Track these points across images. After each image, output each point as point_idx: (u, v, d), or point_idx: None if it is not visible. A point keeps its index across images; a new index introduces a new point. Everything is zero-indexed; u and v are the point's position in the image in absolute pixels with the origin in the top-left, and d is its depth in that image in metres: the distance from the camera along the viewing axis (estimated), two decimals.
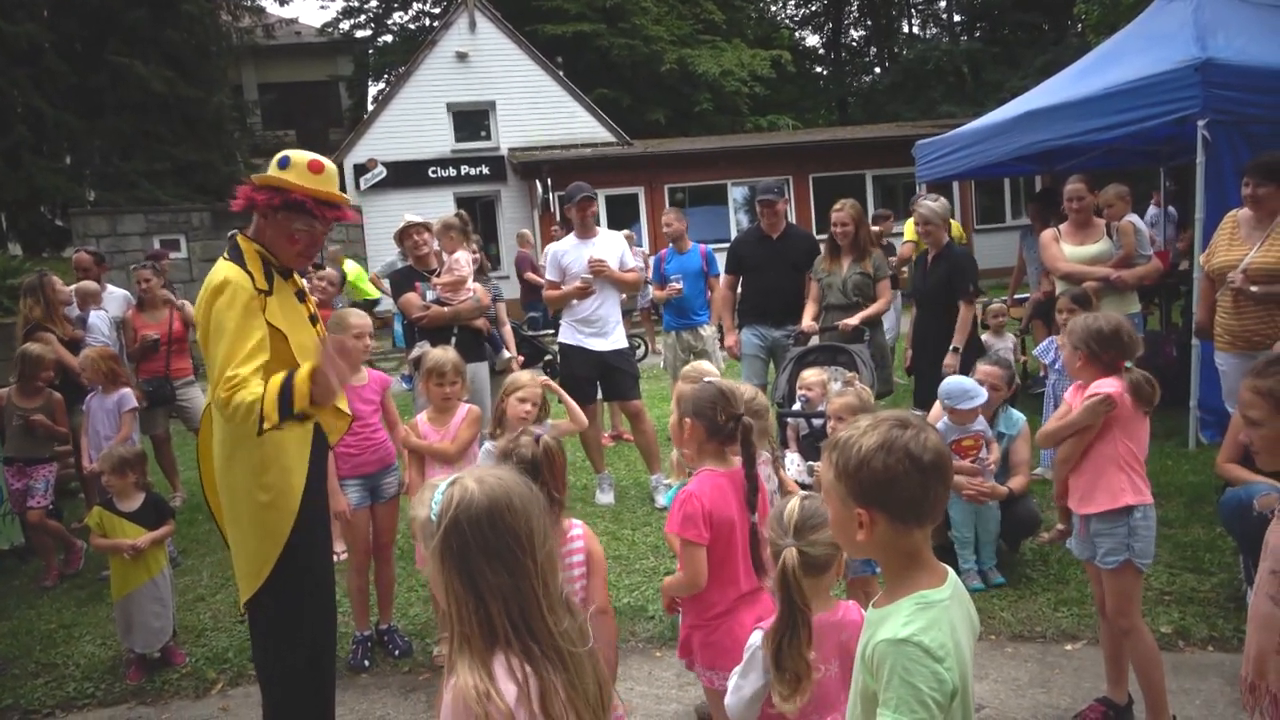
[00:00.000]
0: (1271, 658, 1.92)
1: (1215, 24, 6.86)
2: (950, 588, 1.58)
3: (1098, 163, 9.26)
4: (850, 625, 1.95)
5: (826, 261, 5.63)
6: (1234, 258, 4.42)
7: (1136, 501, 2.85)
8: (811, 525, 1.94)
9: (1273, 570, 1.91)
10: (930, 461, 1.50)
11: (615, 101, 23.22)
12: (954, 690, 1.47)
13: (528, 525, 1.41)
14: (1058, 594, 4.00)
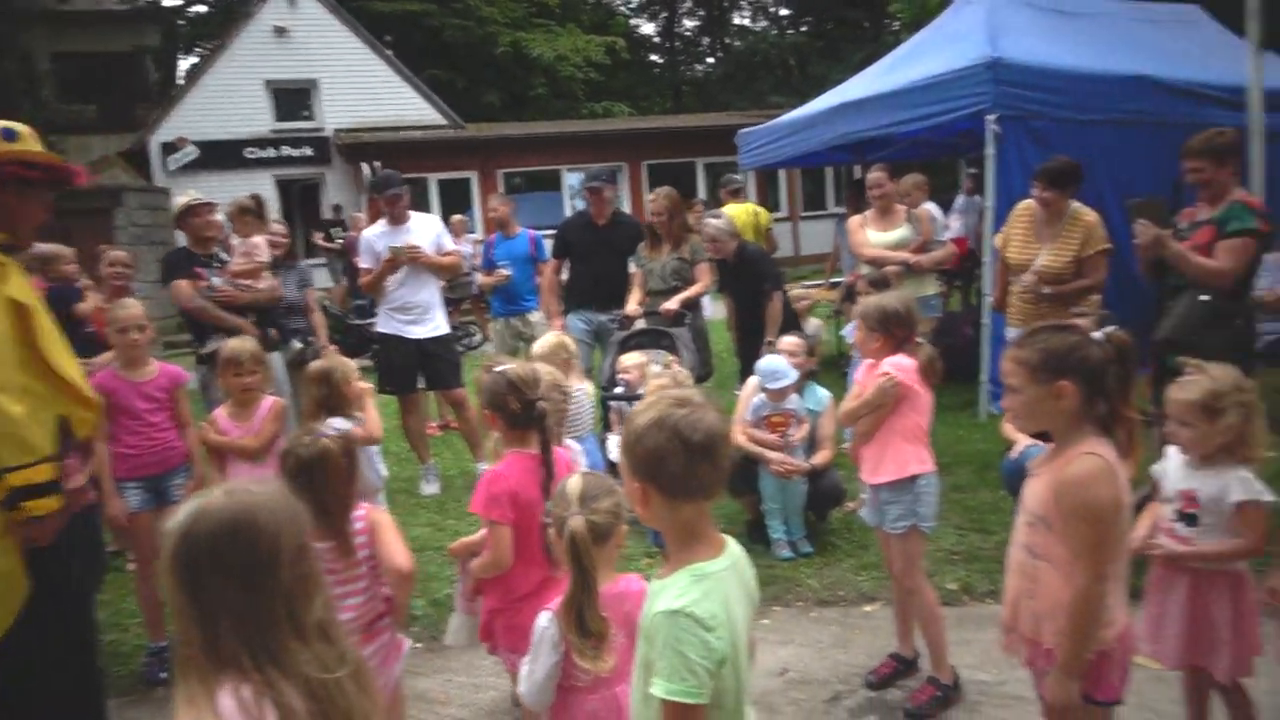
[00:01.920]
0: (1024, 602, 2.10)
1: (1006, 25, 7.41)
2: (728, 559, 1.64)
3: (907, 153, 9.83)
4: (633, 596, 1.99)
5: (648, 249, 5.72)
6: (1027, 257, 4.77)
7: (921, 470, 3.04)
8: (594, 495, 1.98)
9: (1027, 522, 2.09)
10: (699, 441, 1.54)
11: (448, 83, 22.69)
12: (723, 657, 1.52)
13: (274, 542, 1.29)
14: (860, 559, 4.23)
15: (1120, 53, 7.56)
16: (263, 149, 18.22)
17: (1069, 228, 4.71)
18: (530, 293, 6.99)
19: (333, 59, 18.60)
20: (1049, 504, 1.97)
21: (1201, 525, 2.43)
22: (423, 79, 20.19)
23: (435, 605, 4.07)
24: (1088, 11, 8.56)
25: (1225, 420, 2.38)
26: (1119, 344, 1.99)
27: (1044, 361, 1.99)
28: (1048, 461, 2.05)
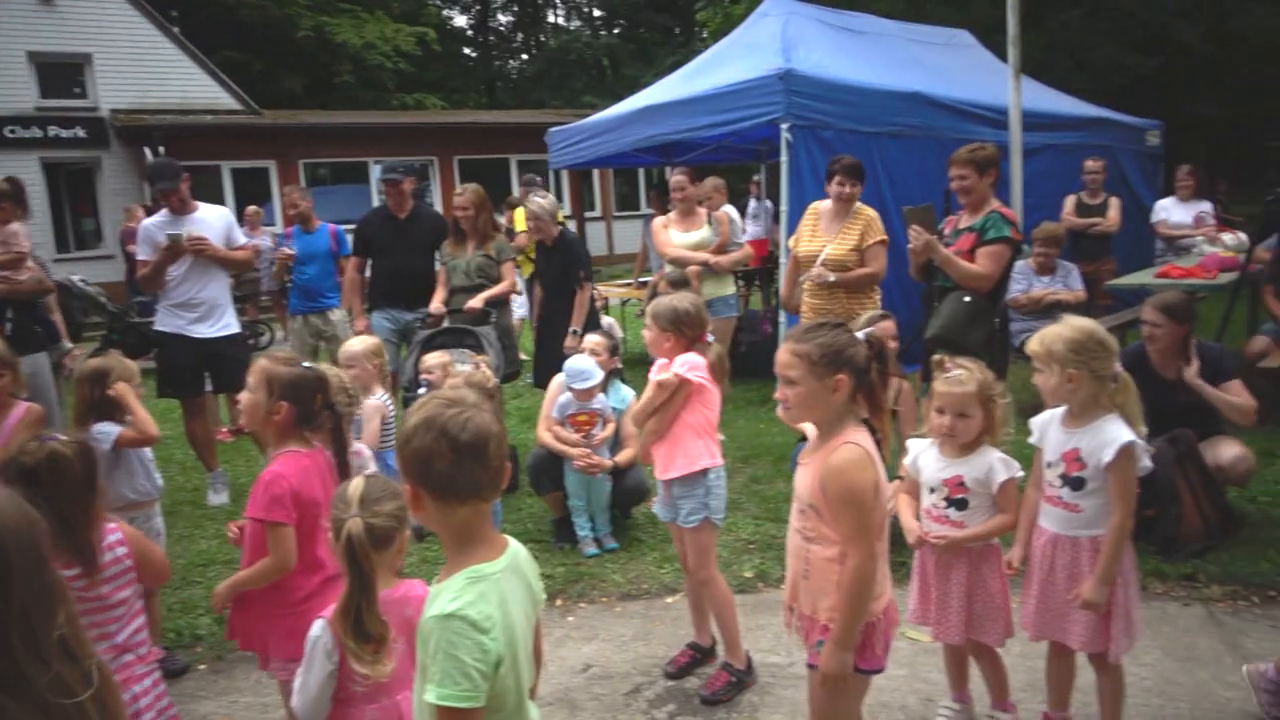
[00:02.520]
0: (801, 583, 2.21)
1: (798, 40, 7.81)
2: (507, 560, 1.63)
3: (710, 157, 10.18)
4: (414, 601, 1.95)
5: (452, 245, 5.61)
6: (816, 248, 5.05)
7: (711, 465, 3.14)
8: (375, 498, 1.92)
9: (799, 509, 2.20)
10: (467, 441, 1.52)
11: (243, 66, 21.33)
12: (500, 660, 1.51)
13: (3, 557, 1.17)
14: (663, 552, 4.33)
15: (899, 71, 8.16)
16: (26, 128, 16.43)
17: (851, 221, 5.01)
18: (332, 290, 6.70)
19: (108, 32, 17.02)
20: (816, 492, 2.09)
21: (971, 508, 2.64)
22: (214, 60, 18.87)
23: (221, 624, 3.82)
24: (871, 31, 9.19)
25: (996, 408, 2.61)
26: (877, 343, 2.14)
27: (823, 355, 2.08)
28: (813, 452, 2.17)
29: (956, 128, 7.70)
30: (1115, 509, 2.42)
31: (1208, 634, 3.33)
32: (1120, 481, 2.40)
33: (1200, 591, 3.64)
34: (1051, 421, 2.56)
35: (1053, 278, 6.53)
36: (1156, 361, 4.16)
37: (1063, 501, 2.49)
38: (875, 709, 2.96)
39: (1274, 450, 5.10)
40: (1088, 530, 2.46)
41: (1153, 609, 3.51)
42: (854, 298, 5.02)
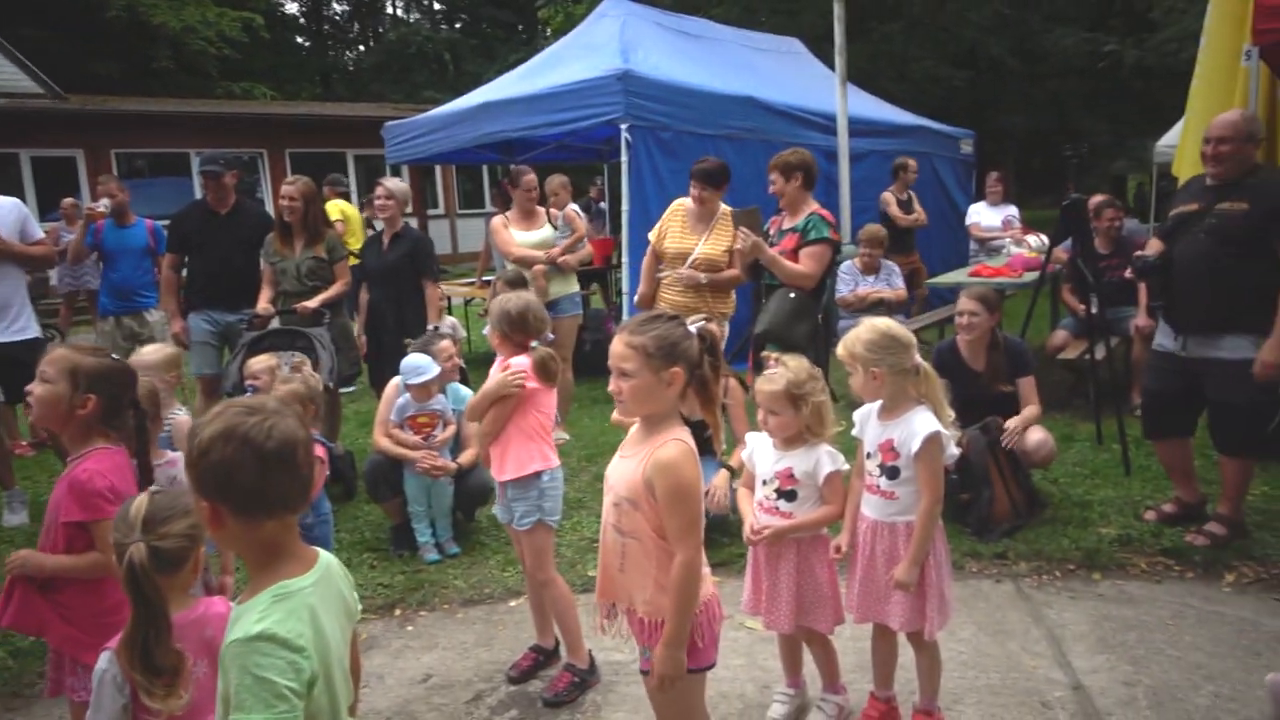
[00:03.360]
0: (617, 576, 2.21)
1: (637, 41, 7.89)
2: (316, 573, 1.54)
3: (553, 155, 10.14)
4: (215, 619, 1.83)
5: (278, 243, 5.31)
6: (686, 247, 5.05)
7: (544, 467, 3.11)
8: (163, 519, 1.78)
9: (614, 503, 2.20)
10: (273, 449, 1.43)
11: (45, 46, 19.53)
12: (314, 677, 1.44)
13: None
14: (507, 555, 4.27)
15: (734, 75, 8.40)
16: None
17: (722, 222, 5.04)
18: (147, 288, 6.24)
19: None
20: (638, 486, 2.09)
21: (799, 499, 2.74)
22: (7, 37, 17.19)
23: (17, 656, 3.48)
24: (707, 35, 9.41)
25: (808, 405, 2.71)
26: (709, 336, 2.18)
27: (659, 348, 2.08)
28: (635, 445, 2.17)
29: (788, 132, 8.01)
30: (923, 494, 2.56)
31: (1017, 608, 3.58)
32: (927, 469, 2.54)
33: (1010, 569, 3.91)
34: (870, 415, 2.69)
35: (876, 277, 6.88)
36: (967, 355, 4.45)
37: (881, 490, 2.62)
38: (715, 700, 3.01)
39: (1073, 435, 5.56)
40: (904, 516, 2.60)
41: (969, 587, 3.76)
42: (717, 298, 5.03)
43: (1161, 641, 3.24)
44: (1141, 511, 4.27)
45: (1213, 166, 3.81)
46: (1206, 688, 2.94)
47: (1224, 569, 3.76)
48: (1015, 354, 4.44)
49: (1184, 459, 4.17)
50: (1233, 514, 3.94)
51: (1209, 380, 3.85)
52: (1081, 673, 3.07)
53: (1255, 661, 3.07)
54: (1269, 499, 4.35)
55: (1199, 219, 3.84)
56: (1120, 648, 3.21)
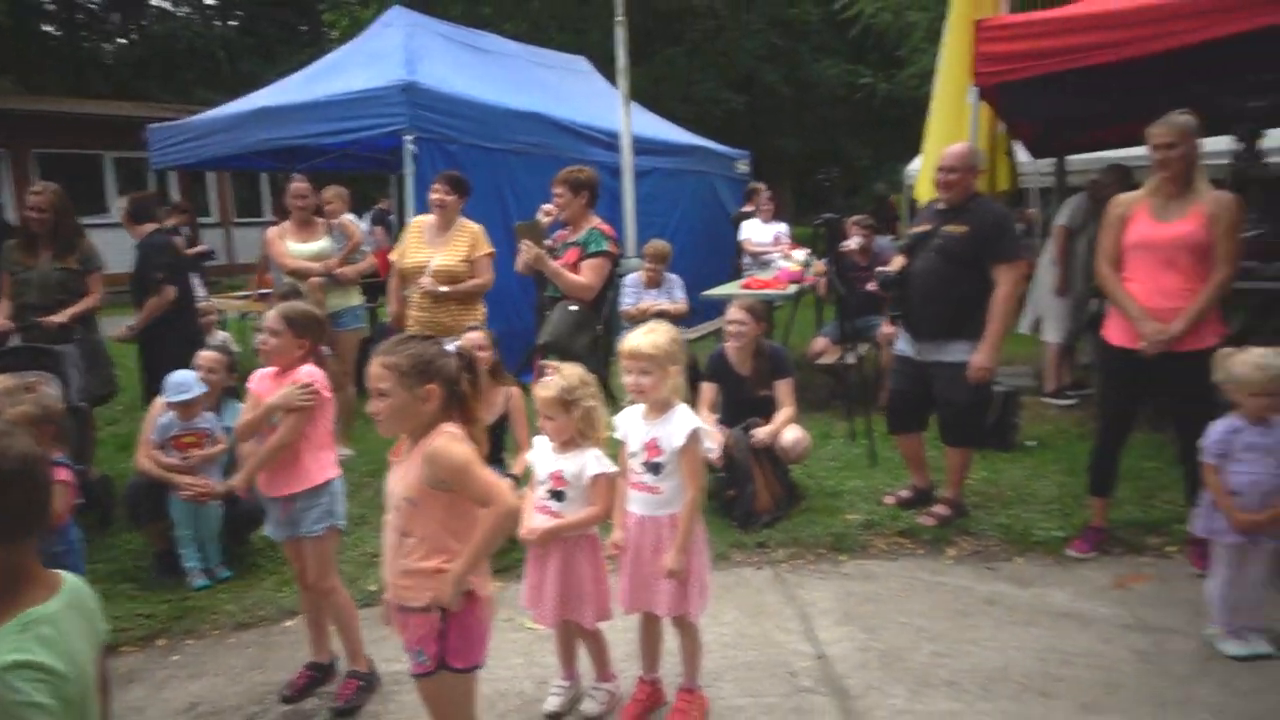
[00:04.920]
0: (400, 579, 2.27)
1: (423, 52, 7.85)
2: (63, 598, 1.50)
3: (338, 165, 9.87)
4: None
5: (20, 253, 4.89)
6: (422, 260, 5.09)
7: (336, 473, 3.15)
8: None
9: (394, 508, 2.27)
10: (11, 470, 1.39)
11: None
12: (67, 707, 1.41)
13: None
14: (283, 575, 4.15)
15: (522, 90, 8.53)
16: None
17: (459, 233, 5.12)
18: None
19: None
20: (415, 484, 2.17)
21: (568, 500, 2.89)
22: None
23: None
24: (495, 50, 9.50)
25: (579, 410, 2.87)
26: (467, 354, 2.29)
27: (413, 366, 2.18)
28: (406, 452, 2.25)
29: (574, 148, 8.24)
30: (687, 487, 2.78)
31: (774, 591, 3.92)
32: (690, 462, 2.77)
33: (770, 556, 4.26)
34: (634, 417, 2.88)
35: (659, 290, 7.21)
36: (735, 361, 4.80)
37: (646, 485, 2.82)
38: (493, 698, 3.11)
39: (830, 433, 6.09)
40: (667, 509, 2.80)
41: (733, 575, 4.07)
42: (463, 309, 5.07)
43: (893, 611, 3.66)
44: (883, 498, 4.76)
45: (943, 192, 4.34)
46: (927, 647, 3.36)
47: (947, 545, 4.28)
48: (776, 360, 4.83)
49: (918, 450, 4.70)
50: (955, 497, 4.49)
51: (937, 381, 4.37)
52: (825, 643, 3.41)
53: (965, 621, 3.54)
54: (986, 483, 4.97)
55: (930, 239, 4.36)
56: (859, 619, 3.60)
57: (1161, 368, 3.75)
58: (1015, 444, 5.58)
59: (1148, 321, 3.73)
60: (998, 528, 4.38)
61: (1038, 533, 4.29)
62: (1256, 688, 2.99)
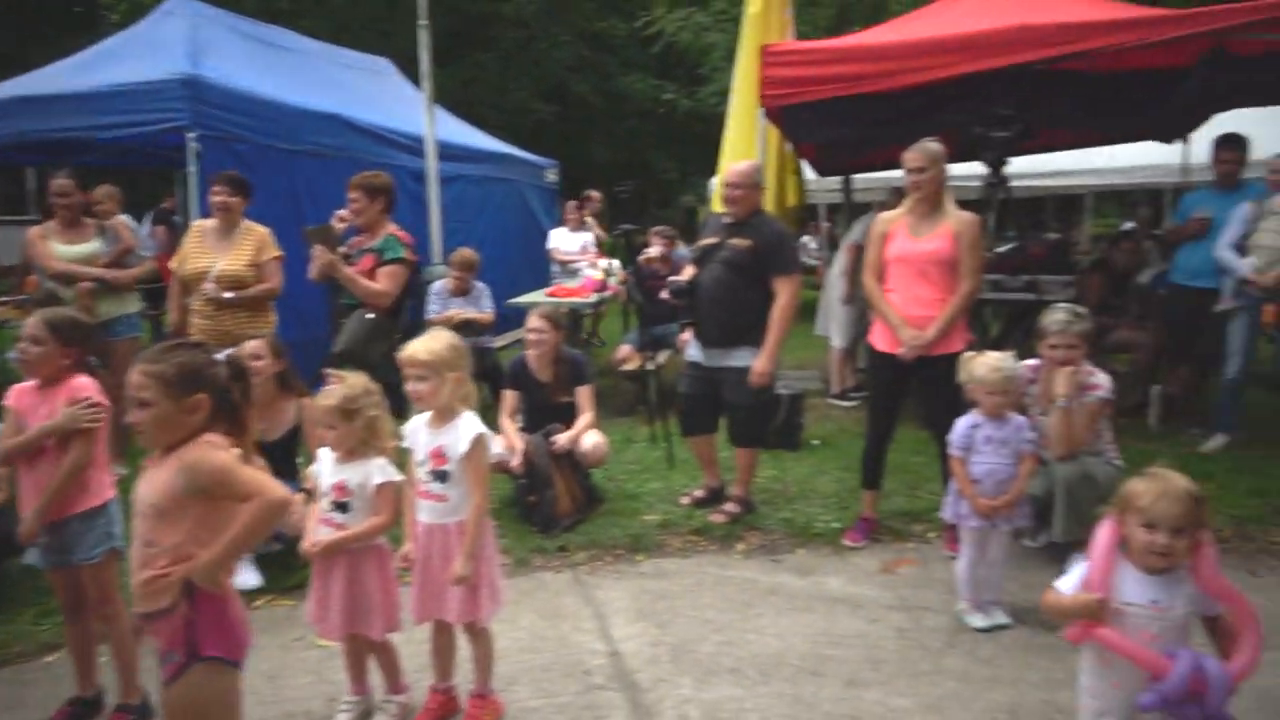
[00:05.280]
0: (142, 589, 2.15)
1: (209, 45, 7.41)
2: None
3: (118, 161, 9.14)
4: None
5: None
6: (204, 265, 4.83)
7: (112, 494, 2.95)
8: None
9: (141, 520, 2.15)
10: None
11: None
12: None
13: None
14: (44, 606, 3.82)
15: (320, 90, 8.23)
16: None
17: (244, 237, 4.90)
18: None
19: None
20: (167, 492, 2.07)
21: (353, 510, 2.85)
22: None
23: None
24: (290, 46, 9.12)
25: (360, 419, 2.83)
26: (237, 364, 2.22)
27: (180, 375, 2.08)
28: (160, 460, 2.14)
29: (375, 152, 8.03)
30: (473, 492, 2.80)
31: (572, 593, 4.00)
32: (475, 468, 2.79)
33: (570, 559, 4.34)
34: (419, 425, 2.88)
35: (466, 299, 7.16)
36: (535, 368, 4.87)
37: (433, 494, 2.82)
38: (280, 719, 3.01)
39: (633, 437, 6.27)
40: (455, 516, 2.82)
41: (533, 580, 4.12)
42: (251, 317, 4.87)
43: (684, 605, 3.83)
44: (679, 499, 4.96)
45: (729, 206, 4.59)
46: (714, 638, 3.54)
47: (737, 540, 4.52)
48: (576, 367, 4.94)
49: (710, 452, 4.93)
50: (744, 494, 4.75)
51: (725, 386, 4.61)
52: (619, 641, 3.53)
53: (750, 611, 3.76)
54: (774, 480, 5.29)
55: (717, 250, 4.59)
56: (652, 615, 3.75)
57: (918, 370, 4.15)
58: (801, 443, 5.96)
59: (906, 329, 4.11)
60: (782, 522, 4.67)
61: (818, 525, 4.61)
62: (995, 654, 3.36)
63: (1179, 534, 1.99)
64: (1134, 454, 5.47)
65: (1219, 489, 4.86)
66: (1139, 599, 2.05)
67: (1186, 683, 1.89)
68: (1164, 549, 1.99)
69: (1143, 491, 2.03)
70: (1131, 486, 2.08)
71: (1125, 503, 2.07)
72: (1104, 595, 2.06)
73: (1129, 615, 2.04)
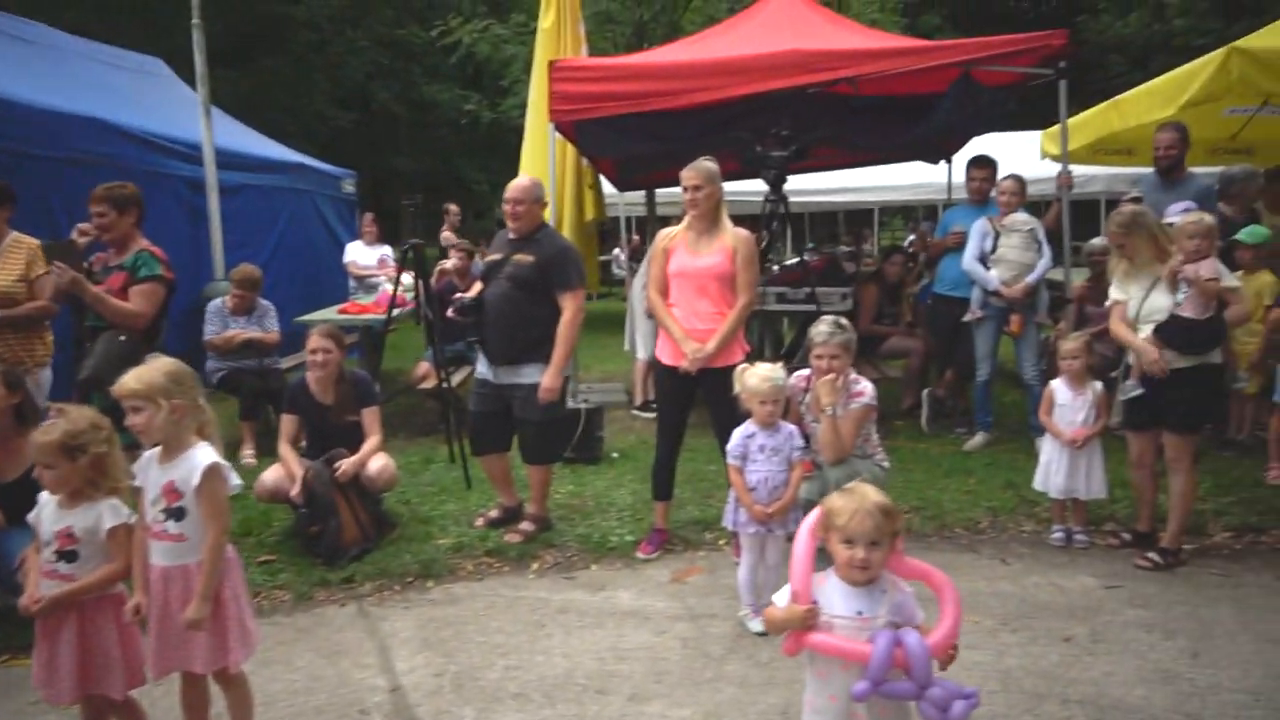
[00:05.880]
0: None
1: None
2: None
3: None
4: None
5: None
6: None
7: None
8: None
9: None
10: None
11: None
12: None
13: None
14: None
15: (81, 93, 7.53)
16: None
17: (11, 250, 4.39)
18: None
19: None
20: None
21: (81, 559, 2.57)
22: None
23: None
24: (45, 43, 8.31)
25: (86, 457, 2.57)
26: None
27: None
28: None
29: (147, 160, 7.43)
30: (209, 528, 2.58)
31: (356, 627, 3.80)
32: (210, 502, 2.57)
33: (356, 591, 4.14)
34: (150, 461, 2.64)
35: (249, 318, 6.72)
36: (317, 390, 4.63)
37: (168, 534, 2.58)
38: None
39: (433, 457, 6.10)
40: (194, 556, 2.58)
41: (313, 616, 3.90)
42: (24, 338, 4.40)
43: (473, 631, 3.73)
44: (474, 520, 4.85)
45: (511, 222, 4.53)
46: (500, 663, 3.46)
47: (532, 559, 4.46)
48: (361, 387, 4.74)
49: (504, 470, 4.85)
50: (540, 512, 4.70)
51: (515, 403, 4.55)
52: (401, 674, 3.38)
53: (540, 632, 3.71)
54: (572, 495, 5.28)
55: (502, 267, 4.52)
56: (438, 644, 3.62)
57: (702, 382, 4.25)
58: (600, 456, 5.99)
59: (689, 342, 4.21)
60: (578, 538, 4.65)
61: (613, 539, 4.63)
62: (774, 657, 3.46)
63: (875, 546, 2.12)
64: (907, 454, 5.94)
65: (977, 484, 5.30)
66: (845, 611, 2.15)
67: (888, 659, 2.00)
68: (862, 562, 2.11)
69: (840, 509, 2.14)
70: (830, 504, 2.19)
71: (827, 520, 2.18)
72: (812, 605, 2.16)
73: (837, 628, 2.14)
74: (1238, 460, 5.53)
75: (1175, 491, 4.19)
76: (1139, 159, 7.97)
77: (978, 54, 5.48)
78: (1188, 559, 4.25)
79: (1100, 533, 4.60)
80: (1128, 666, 3.30)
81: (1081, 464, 4.40)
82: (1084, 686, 3.17)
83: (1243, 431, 5.74)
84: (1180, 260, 4.03)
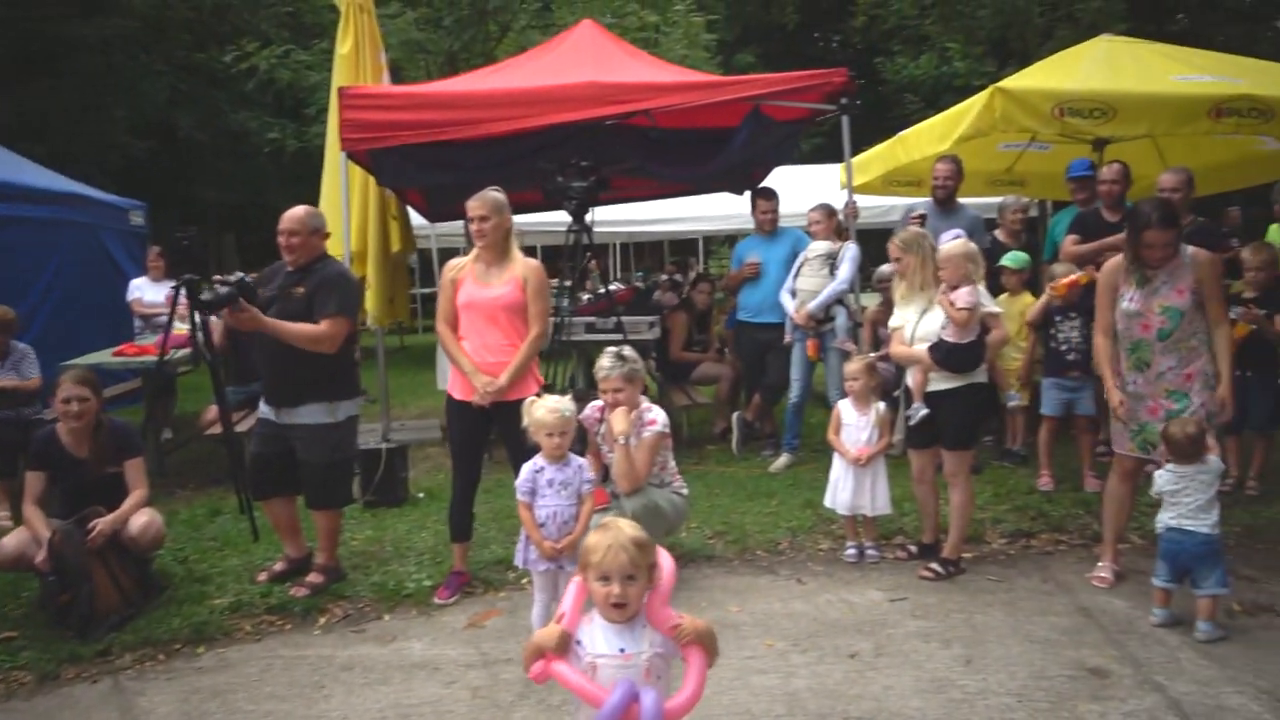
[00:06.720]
0: None
1: None
2: None
3: None
4: None
5: None
6: None
7: None
8: None
9: None
10: None
11: None
12: None
13: None
14: None
15: None
16: None
17: None
18: None
19: None
20: None
21: None
22: None
23: None
24: None
25: None
26: None
27: None
28: None
29: None
30: None
31: (108, 706, 3.42)
32: None
33: (113, 664, 3.73)
34: None
35: (3, 365, 6.06)
36: (69, 442, 4.20)
37: None
38: None
39: (222, 508, 5.66)
40: None
41: (58, 697, 3.50)
42: None
43: (241, 699, 3.42)
44: (256, 575, 4.50)
45: (287, 255, 4.27)
46: None
47: (319, 613, 4.17)
48: (121, 436, 4.33)
49: (290, 517, 4.53)
50: (329, 561, 4.41)
51: (298, 444, 4.27)
52: None
53: (319, 694, 3.45)
54: (370, 541, 5.01)
55: (276, 301, 4.24)
56: (200, 718, 3.30)
57: (495, 416, 4.13)
58: (405, 497, 5.73)
59: (479, 375, 4.07)
60: (372, 587, 4.40)
61: (409, 585, 4.40)
62: (565, 700, 3.34)
63: (630, 581, 2.07)
64: (715, 479, 6.01)
65: (779, 505, 5.41)
66: (608, 650, 2.09)
67: (618, 712, 1.95)
68: (619, 598, 2.06)
69: (594, 546, 2.09)
70: (587, 542, 2.14)
71: (584, 559, 2.12)
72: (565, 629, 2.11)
73: (601, 667, 2.08)
74: (1014, 469, 5.92)
75: (954, 504, 4.41)
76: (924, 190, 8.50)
77: (765, 90, 5.67)
78: (967, 567, 4.47)
79: (890, 546, 4.78)
80: (906, 679, 3.40)
81: (867, 481, 4.56)
82: (866, 703, 3.24)
83: (1016, 442, 6.14)
84: (942, 289, 4.27)
